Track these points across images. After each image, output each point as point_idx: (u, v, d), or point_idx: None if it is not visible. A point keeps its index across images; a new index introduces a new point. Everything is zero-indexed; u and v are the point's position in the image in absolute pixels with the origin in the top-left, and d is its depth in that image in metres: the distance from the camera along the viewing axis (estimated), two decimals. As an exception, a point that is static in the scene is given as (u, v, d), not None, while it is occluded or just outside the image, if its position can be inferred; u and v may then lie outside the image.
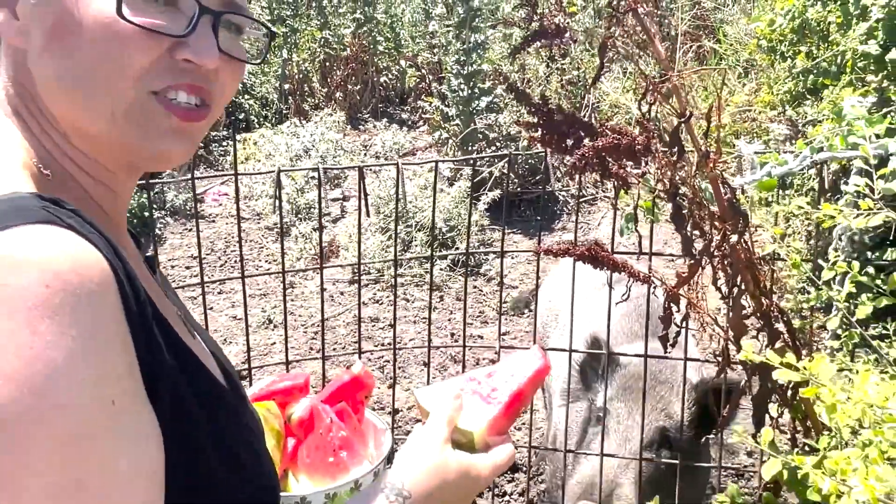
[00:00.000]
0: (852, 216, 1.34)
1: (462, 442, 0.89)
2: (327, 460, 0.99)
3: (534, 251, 1.40)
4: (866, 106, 1.46)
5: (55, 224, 0.59)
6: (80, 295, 0.56)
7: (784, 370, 1.04)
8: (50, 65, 0.68)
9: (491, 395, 0.93)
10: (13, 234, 0.56)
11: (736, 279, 1.30)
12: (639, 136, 1.15)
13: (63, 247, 0.57)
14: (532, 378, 0.95)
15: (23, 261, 0.55)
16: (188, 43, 0.70)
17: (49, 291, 0.55)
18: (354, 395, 1.10)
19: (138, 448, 0.58)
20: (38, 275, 0.55)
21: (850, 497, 0.92)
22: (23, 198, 0.61)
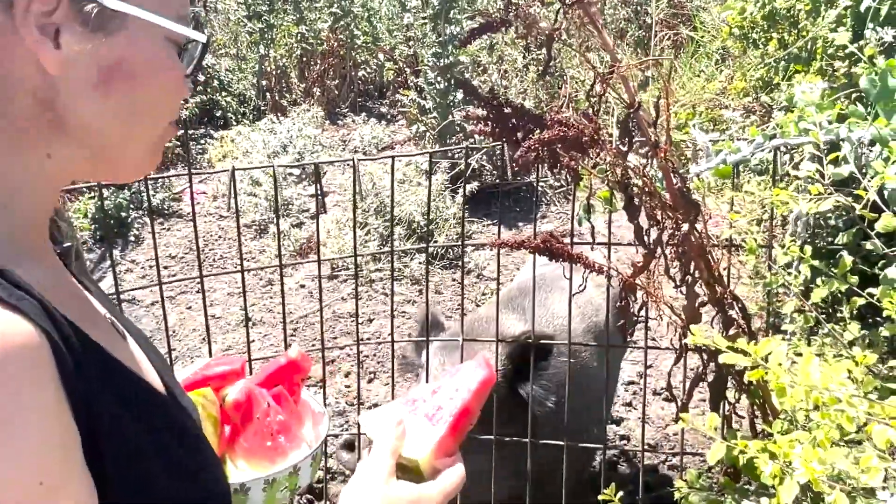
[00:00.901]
0: (805, 201, 1.36)
1: (409, 469, 0.87)
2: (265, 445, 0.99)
3: (490, 245, 1.41)
4: (818, 91, 1.48)
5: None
6: (8, 377, 0.54)
7: (731, 354, 1.06)
8: (106, 101, 0.69)
9: (436, 414, 0.90)
10: None
11: (689, 267, 1.31)
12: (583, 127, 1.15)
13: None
14: (477, 391, 0.92)
15: None
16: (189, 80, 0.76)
17: None
18: (291, 377, 1.09)
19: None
20: None
21: (792, 479, 0.94)
22: None
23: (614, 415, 3.55)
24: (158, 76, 0.71)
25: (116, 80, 0.68)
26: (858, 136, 1.43)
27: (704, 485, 1.30)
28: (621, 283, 1.38)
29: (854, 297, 1.33)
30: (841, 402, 0.99)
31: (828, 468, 0.95)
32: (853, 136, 1.43)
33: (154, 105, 0.72)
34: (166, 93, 0.72)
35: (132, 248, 4.79)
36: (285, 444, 1.00)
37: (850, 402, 0.96)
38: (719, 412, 1.43)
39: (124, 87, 0.69)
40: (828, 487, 0.93)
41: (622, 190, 1.25)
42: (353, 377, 4.00)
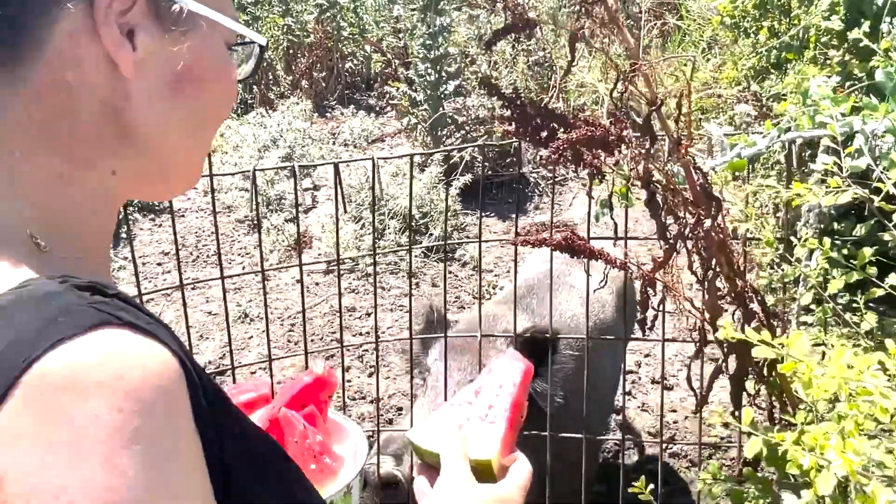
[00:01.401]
0: (822, 194, 1.38)
1: (479, 471, 0.86)
2: (310, 468, 0.96)
3: (511, 241, 1.41)
4: (832, 85, 1.49)
5: (111, 325, 0.50)
6: (155, 412, 0.49)
7: (763, 347, 1.07)
8: (175, 108, 0.65)
9: (489, 413, 0.90)
10: (69, 352, 0.48)
11: (710, 262, 1.33)
12: (611, 126, 1.16)
13: (129, 356, 0.50)
14: (521, 384, 0.92)
15: (87, 382, 0.47)
16: None
17: (123, 417, 0.47)
18: (318, 395, 1.06)
19: None
20: (109, 398, 0.47)
21: (829, 471, 0.95)
22: (54, 293, 0.52)
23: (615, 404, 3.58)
24: (223, 80, 0.68)
25: (186, 86, 0.65)
26: (872, 128, 1.45)
27: (729, 477, 1.31)
28: (642, 278, 1.39)
29: (873, 288, 1.35)
30: (873, 392, 1.01)
31: (863, 459, 0.97)
32: (867, 128, 1.45)
33: (217, 111, 0.69)
34: (227, 98, 0.69)
35: (123, 244, 4.75)
36: (332, 465, 0.97)
37: (884, 394, 0.98)
38: (739, 403, 1.45)
39: (193, 93, 0.65)
40: (865, 479, 0.94)
41: (645, 187, 1.26)
42: (354, 372, 4.00)
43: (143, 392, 0.49)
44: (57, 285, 0.53)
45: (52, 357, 0.47)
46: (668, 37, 7.05)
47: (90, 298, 0.52)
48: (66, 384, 0.47)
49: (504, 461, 0.87)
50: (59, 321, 0.49)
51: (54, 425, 0.47)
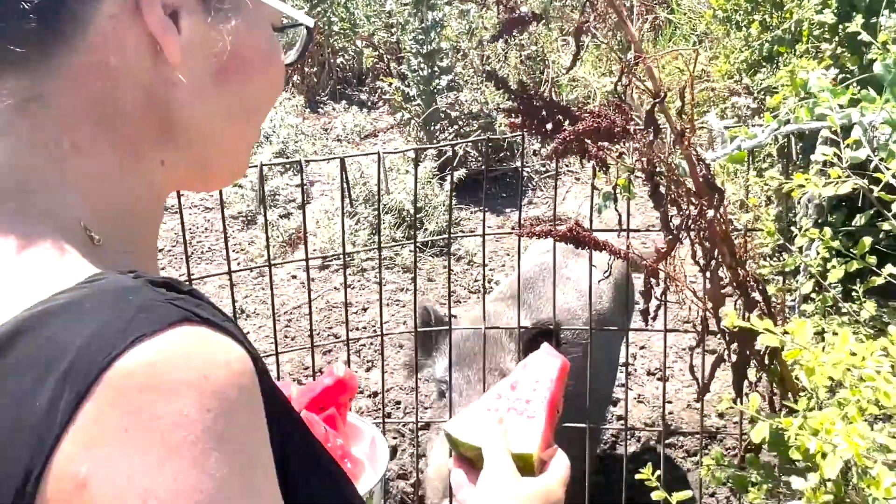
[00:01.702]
0: (822, 185, 1.40)
1: (519, 465, 0.86)
2: None
3: (516, 233, 1.42)
4: (829, 78, 1.51)
5: (190, 322, 0.49)
6: (241, 413, 0.48)
7: (768, 335, 1.09)
8: (226, 93, 0.62)
9: (527, 408, 0.90)
10: (152, 348, 0.46)
11: (713, 252, 1.35)
12: (617, 118, 1.17)
13: (212, 354, 0.48)
14: (558, 379, 0.93)
15: (175, 381, 0.46)
16: None
17: (211, 416, 0.46)
18: (337, 398, 1.03)
19: None
20: (197, 398, 0.46)
21: (835, 455, 0.97)
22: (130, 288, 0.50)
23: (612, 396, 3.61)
24: (271, 65, 0.64)
25: (232, 73, 0.61)
26: (870, 119, 1.47)
27: (731, 463, 1.34)
28: (645, 269, 1.41)
29: (872, 277, 1.37)
30: (875, 378, 1.03)
31: (868, 442, 0.99)
32: (865, 119, 1.47)
33: (265, 99, 0.66)
34: (275, 84, 0.66)
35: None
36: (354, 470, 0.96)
37: (887, 379, 1.00)
38: (741, 391, 1.48)
39: (240, 79, 0.62)
40: (870, 462, 0.96)
41: (649, 178, 1.28)
42: (352, 367, 4.01)
43: (229, 391, 0.48)
44: (132, 280, 0.51)
45: (134, 354, 0.46)
46: (659, 31, 7.08)
47: (167, 294, 0.50)
48: (151, 383, 0.46)
49: (543, 455, 0.88)
50: (139, 317, 0.47)
51: (140, 425, 0.45)
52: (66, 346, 0.46)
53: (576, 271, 2.55)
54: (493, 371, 1.89)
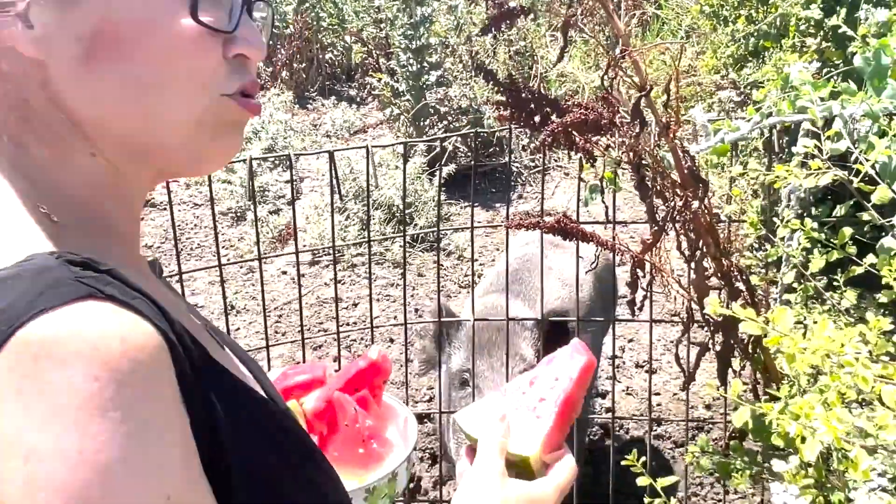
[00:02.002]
0: (803, 176, 1.43)
1: (518, 465, 0.82)
2: (358, 452, 0.94)
3: (505, 225, 1.44)
4: (812, 71, 1.54)
5: (94, 298, 0.52)
6: (132, 384, 0.51)
7: (750, 323, 1.11)
8: (101, 77, 0.60)
9: (539, 406, 0.85)
10: (52, 320, 0.50)
11: (698, 243, 1.37)
12: (604, 111, 1.19)
13: (109, 327, 0.51)
14: (578, 379, 0.87)
15: (66, 352, 0.49)
16: (237, 37, 0.64)
17: (98, 385, 0.49)
18: (372, 380, 1.05)
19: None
20: (86, 367, 0.49)
21: (814, 438, 1.00)
22: (47, 267, 0.53)
23: (599, 388, 3.65)
24: (156, 36, 0.60)
25: (102, 51, 0.59)
26: (851, 112, 1.50)
27: (716, 450, 1.36)
28: (631, 260, 1.43)
29: (853, 266, 1.40)
30: (854, 364, 1.06)
31: (846, 426, 1.02)
32: (846, 112, 1.50)
33: (166, 73, 0.61)
34: (180, 55, 0.61)
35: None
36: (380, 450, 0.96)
37: (865, 365, 1.03)
38: (725, 380, 1.50)
39: (114, 57, 0.59)
40: (848, 445, 0.99)
41: (635, 170, 1.30)
42: (343, 362, 4.02)
43: (119, 363, 0.50)
44: (53, 260, 0.54)
45: (35, 325, 0.50)
46: (646, 26, 7.12)
47: (79, 273, 0.53)
48: (44, 351, 0.49)
49: (546, 458, 0.83)
50: (48, 293, 0.51)
51: (32, 389, 0.49)
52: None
53: (556, 260, 2.59)
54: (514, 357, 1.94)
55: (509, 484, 0.79)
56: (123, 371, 0.50)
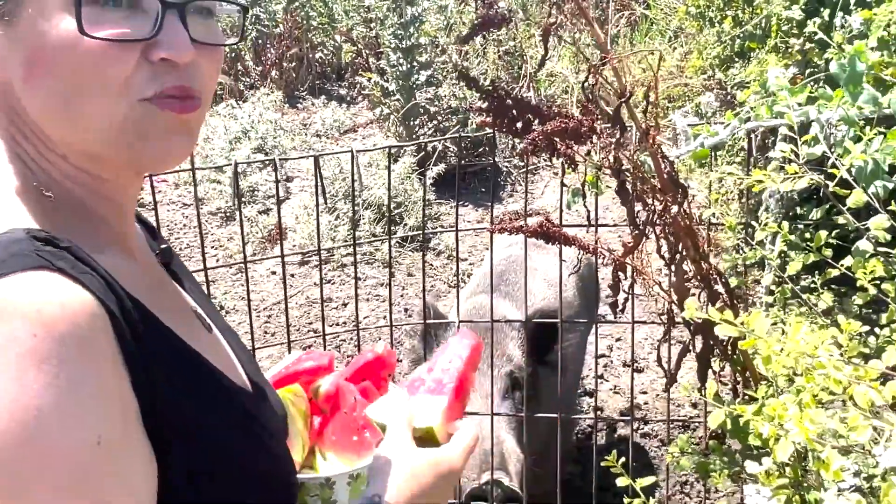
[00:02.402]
0: (780, 180, 1.45)
1: (426, 440, 0.92)
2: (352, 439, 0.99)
3: (487, 229, 1.46)
4: (789, 76, 1.56)
5: (46, 269, 0.60)
6: (68, 343, 0.58)
7: (725, 325, 1.14)
8: (36, 93, 0.68)
9: (436, 387, 0.96)
10: (3, 284, 0.58)
11: (677, 246, 1.39)
12: (584, 118, 1.21)
13: (52, 294, 0.59)
14: (469, 359, 0.99)
15: (11, 310, 0.57)
16: (160, 41, 0.68)
17: (37, 340, 0.57)
18: (378, 373, 1.09)
19: (127, 484, 0.61)
20: (27, 324, 0.57)
21: (787, 439, 1.02)
22: (15, 239, 0.62)
23: (587, 387, 3.68)
24: (67, 54, 0.66)
25: (37, 68, 0.67)
26: (827, 117, 1.53)
27: (696, 449, 1.39)
28: (613, 263, 1.45)
29: (829, 269, 1.43)
30: (826, 366, 1.08)
31: (818, 427, 1.04)
32: (822, 117, 1.53)
33: (80, 85, 0.67)
34: (88, 68, 0.67)
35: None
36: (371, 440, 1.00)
37: (837, 366, 1.05)
38: (706, 381, 1.53)
39: (41, 74, 0.67)
40: (820, 446, 1.02)
41: (615, 175, 1.32)
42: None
43: (57, 325, 0.58)
44: (22, 234, 0.62)
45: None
46: (635, 26, 7.15)
47: (39, 247, 0.61)
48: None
49: (449, 428, 0.93)
50: (8, 261, 0.59)
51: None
52: None
53: (540, 262, 2.62)
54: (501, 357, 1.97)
55: (416, 451, 0.88)
56: (60, 331, 0.58)
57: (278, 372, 1.06)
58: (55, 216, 0.68)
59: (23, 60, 0.67)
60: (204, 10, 0.74)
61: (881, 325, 1.41)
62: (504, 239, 3.00)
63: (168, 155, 0.72)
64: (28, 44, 0.67)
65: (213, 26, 0.75)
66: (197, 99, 0.72)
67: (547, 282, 2.47)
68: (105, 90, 0.68)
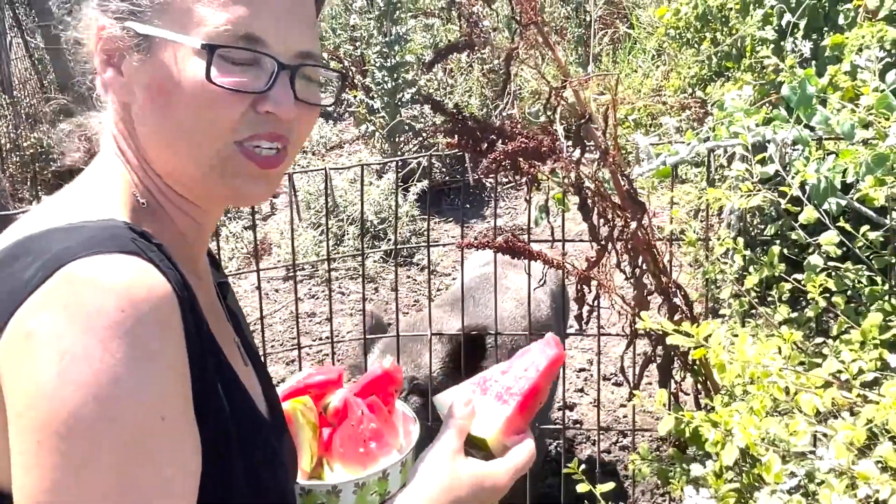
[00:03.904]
0: (736, 198, 1.52)
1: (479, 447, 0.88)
2: (358, 451, 1.01)
3: (457, 245, 1.52)
4: (745, 98, 1.63)
5: (138, 256, 0.68)
6: (148, 322, 0.65)
7: (677, 336, 1.19)
8: (150, 119, 0.78)
9: (505, 393, 0.92)
10: (102, 260, 0.66)
11: (637, 261, 1.45)
12: (543, 138, 1.27)
13: (141, 278, 0.66)
14: (546, 369, 0.93)
15: (105, 285, 0.64)
16: (269, 96, 0.78)
17: (123, 315, 0.64)
18: (386, 388, 1.13)
19: (181, 459, 0.67)
20: (116, 300, 0.64)
21: (732, 444, 1.08)
22: (117, 226, 0.71)
23: (567, 400, 3.72)
24: (186, 94, 0.76)
25: (156, 101, 0.77)
26: (782, 137, 1.60)
27: (655, 457, 1.44)
28: (577, 277, 1.51)
29: (783, 283, 1.49)
30: (772, 374, 1.14)
31: (762, 433, 1.09)
32: (777, 137, 1.60)
33: (191, 122, 0.77)
34: (202, 109, 0.76)
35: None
36: (376, 451, 1.02)
37: (780, 375, 1.11)
38: (667, 390, 1.58)
39: (161, 106, 0.77)
40: (762, 450, 1.07)
41: (576, 193, 1.38)
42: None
43: (142, 305, 0.65)
44: (122, 224, 0.72)
45: (89, 260, 0.66)
46: (618, 44, 7.27)
47: (135, 237, 0.70)
48: (89, 280, 0.65)
49: (506, 441, 0.89)
50: (106, 242, 0.68)
51: (74, 304, 0.64)
52: (53, 247, 0.67)
53: (515, 281, 2.68)
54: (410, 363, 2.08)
55: (462, 462, 0.86)
56: (144, 311, 0.65)
57: (290, 387, 1.10)
58: (144, 220, 0.77)
59: (148, 87, 0.77)
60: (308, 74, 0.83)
61: (832, 335, 1.47)
62: (483, 256, 3.05)
63: (248, 197, 0.82)
64: (158, 75, 0.76)
65: (314, 89, 0.84)
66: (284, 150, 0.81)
67: (517, 300, 2.53)
68: (212, 129, 0.77)
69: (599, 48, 7.10)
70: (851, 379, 1.12)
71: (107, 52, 0.79)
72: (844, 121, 1.51)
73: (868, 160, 1.39)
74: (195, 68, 0.75)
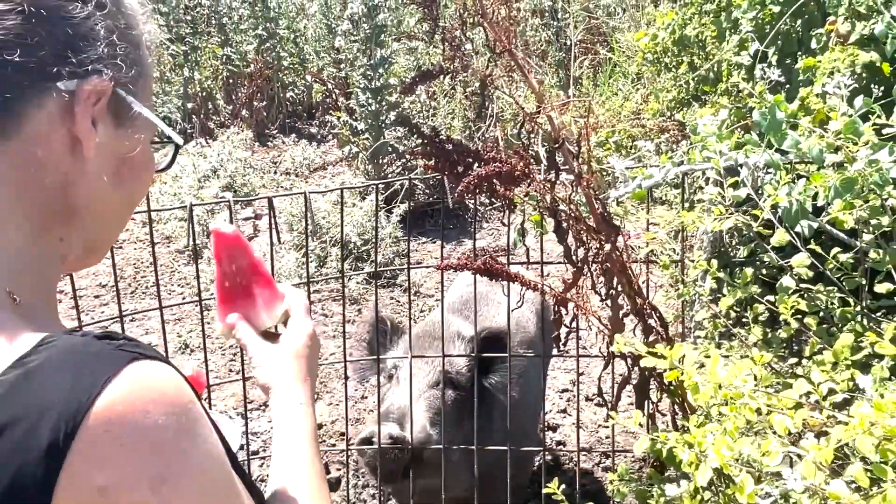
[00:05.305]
0: (709, 220, 1.54)
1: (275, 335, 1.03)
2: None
3: (436, 267, 1.53)
4: (718, 123, 1.66)
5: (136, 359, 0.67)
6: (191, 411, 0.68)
7: (650, 357, 1.21)
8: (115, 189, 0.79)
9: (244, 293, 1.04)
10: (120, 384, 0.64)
11: (612, 282, 1.47)
12: (517, 162, 1.29)
13: (161, 378, 0.67)
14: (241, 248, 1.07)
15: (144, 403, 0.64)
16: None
17: (175, 418, 0.65)
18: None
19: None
20: (161, 409, 0.65)
21: (705, 464, 1.09)
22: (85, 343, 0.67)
23: (550, 421, 3.72)
24: (149, 170, 0.83)
25: (124, 172, 0.80)
26: (754, 161, 1.63)
27: (633, 478, 1.44)
28: (554, 298, 1.52)
29: (756, 304, 1.51)
30: (744, 395, 1.16)
31: (735, 454, 1.10)
32: (749, 161, 1.63)
33: (140, 196, 0.84)
34: (147, 186, 0.85)
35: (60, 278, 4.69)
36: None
37: (752, 396, 1.12)
38: (644, 411, 1.59)
39: (128, 178, 0.81)
40: (736, 470, 1.08)
41: (552, 215, 1.40)
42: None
43: (178, 400, 0.67)
44: (80, 338, 0.68)
45: (109, 391, 0.63)
46: (599, 68, 7.36)
47: (112, 343, 0.67)
48: (128, 407, 0.63)
49: (277, 311, 1.03)
50: (101, 365, 0.64)
51: (132, 437, 0.63)
52: (53, 398, 0.62)
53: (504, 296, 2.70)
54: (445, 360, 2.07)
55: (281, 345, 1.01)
56: (183, 405, 0.67)
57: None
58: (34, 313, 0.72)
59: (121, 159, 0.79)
60: None
61: (805, 356, 1.49)
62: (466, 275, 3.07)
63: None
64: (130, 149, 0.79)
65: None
66: None
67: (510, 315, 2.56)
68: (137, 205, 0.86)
69: (580, 71, 7.20)
70: (821, 400, 1.14)
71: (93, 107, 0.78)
72: (813, 146, 1.55)
73: (837, 184, 1.42)
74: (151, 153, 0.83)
